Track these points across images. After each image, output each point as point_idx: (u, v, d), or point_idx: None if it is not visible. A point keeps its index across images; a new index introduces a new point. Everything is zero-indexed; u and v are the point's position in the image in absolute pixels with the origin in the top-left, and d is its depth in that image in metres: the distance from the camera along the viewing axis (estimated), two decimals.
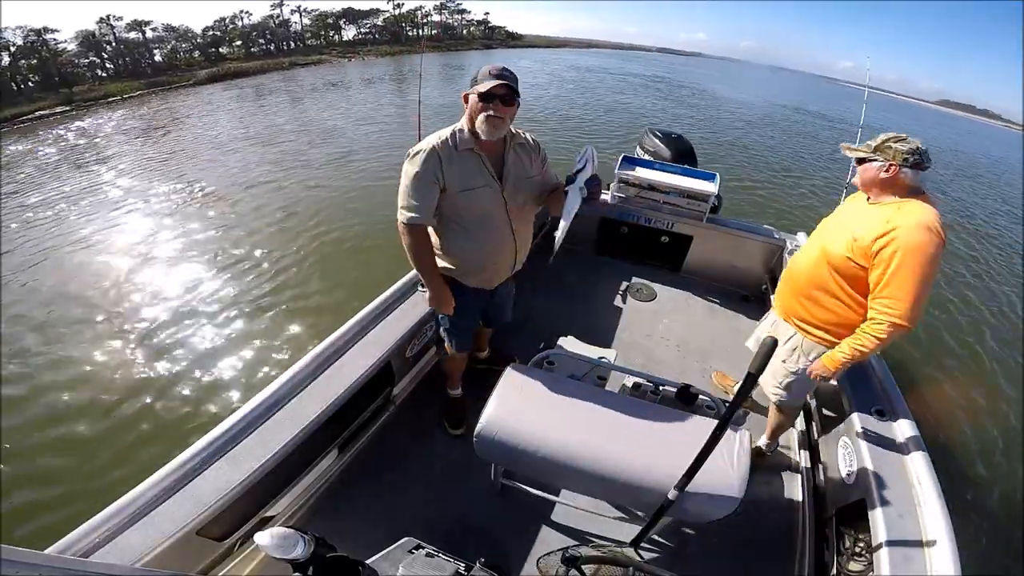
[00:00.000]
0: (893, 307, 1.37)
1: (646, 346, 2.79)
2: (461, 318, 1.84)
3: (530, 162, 1.64)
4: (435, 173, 1.46)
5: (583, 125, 13.34)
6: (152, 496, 1.24)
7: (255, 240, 5.87)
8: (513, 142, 1.59)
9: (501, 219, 1.60)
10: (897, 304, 1.36)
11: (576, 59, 45.45)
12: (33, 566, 0.82)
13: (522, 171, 1.62)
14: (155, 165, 9.58)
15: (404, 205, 1.49)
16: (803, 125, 19.56)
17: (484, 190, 1.53)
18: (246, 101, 18.14)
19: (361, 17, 58.10)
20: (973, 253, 7.60)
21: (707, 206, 3.14)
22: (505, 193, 1.58)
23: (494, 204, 1.57)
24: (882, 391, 1.87)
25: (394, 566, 0.94)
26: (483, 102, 1.40)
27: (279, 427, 1.49)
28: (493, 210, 1.58)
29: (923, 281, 1.34)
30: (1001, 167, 20.21)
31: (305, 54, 43.64)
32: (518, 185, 1.61)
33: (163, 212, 6.95)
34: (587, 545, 1.62)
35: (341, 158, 9.33)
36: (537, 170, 1.66)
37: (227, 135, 12.02)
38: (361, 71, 29.03)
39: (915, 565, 1.29)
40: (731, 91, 30.62)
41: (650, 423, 1.46)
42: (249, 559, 1.53)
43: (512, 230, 1.64)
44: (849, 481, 1.66)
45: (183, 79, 28.04)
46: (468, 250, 1.64)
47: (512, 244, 1.67)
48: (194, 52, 41.10)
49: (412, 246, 1.56)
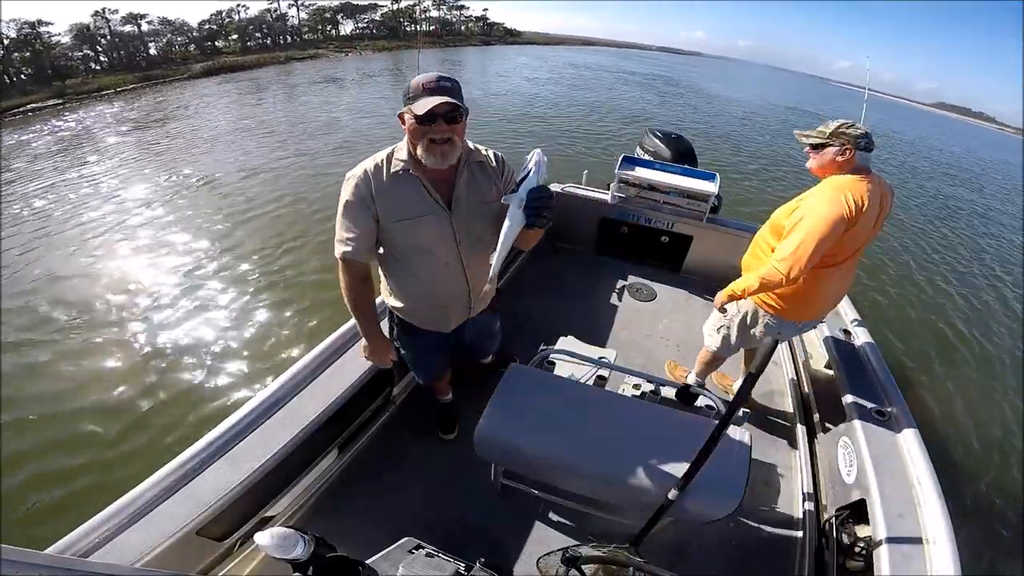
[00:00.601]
0: (779, 255, 1.59)
1: (646, 346, 2.79)
2: (421, 358, 1.72)
3: (489, 185, 1.37)
4: (366, 201, 1.27)
5: (583, 125, 13.30)
6: (152, 496, 1.24)
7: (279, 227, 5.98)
8: (470, 160, 1.33)
9: (449, 253, 1.35)
10: (781, 253, 1.58)
11: (574, 57, 45.39)
12: (33, 566, 0.82)
13: (478, 196, 1.35)
14: (150, 156, 9.60)
15: (338, 237, 1.31)
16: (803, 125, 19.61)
17: (426, 219, 1.30)
18: (244, 95, 18.05)
19: (359, 12, 57.84)
20: (973, 252, 7.63)
21: (707, 206, 3.14)
22: (455, 222, 1.32)
23: (439, 236, 1.32)
24: (882, 391, 1.87)
25: (394, 566, 0.94)
26: (421, 124, 1.16)
27: (279, 427, 1.48)
28: (437, 243, 1.33)
29: (811, 238, 1.52)
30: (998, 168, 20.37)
31: (302, 48, 43.37)
32: (472, 213, 1.34)
33: (164, 201, 6.99)
34: (587, 545, 1.62)
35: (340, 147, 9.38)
36: (498, 194, 1.37)
37: (224, 127, 12.01)
38: (359, 66, 28.92)
39: (915, 565, 1.29)
40: (731, 91, 30.65)
41: (650, 423, 1.47)
42: (249, 559, 1.53)
43: (463, 267, 1.38)
44: (849, 481, 1.67)
45: (178, 73, 27.85)
46: (412, 289, 1.43)
47: (463, 283, 1.42)
48: (190, 46, 40.79)
49: (345, 284, 1.36)
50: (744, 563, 1.73)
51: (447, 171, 1.29)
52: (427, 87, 1.14)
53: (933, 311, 5.38)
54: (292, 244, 5.51)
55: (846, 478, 1.70)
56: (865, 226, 1.58)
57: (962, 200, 11.92)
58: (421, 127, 1.16)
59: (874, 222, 1.62)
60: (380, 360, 1.56)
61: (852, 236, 1.58)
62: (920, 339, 4.75)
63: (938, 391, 4.00)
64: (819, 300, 1.80)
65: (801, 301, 1.78)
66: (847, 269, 1.73)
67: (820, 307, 1.85)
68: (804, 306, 1.80)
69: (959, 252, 7.53)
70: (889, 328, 4.73)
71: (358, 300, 1.40)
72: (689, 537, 1.76)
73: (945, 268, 6.76)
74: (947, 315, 5.34)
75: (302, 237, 5.67)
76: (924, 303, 5.55)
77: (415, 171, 1.27)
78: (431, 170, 1.25)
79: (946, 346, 4.73)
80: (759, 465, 2.05)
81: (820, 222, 1.52)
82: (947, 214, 10.03)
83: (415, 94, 1.15)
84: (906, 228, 8.13)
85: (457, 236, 1.34)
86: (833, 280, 1.73)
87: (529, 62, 32.60)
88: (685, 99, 22.68)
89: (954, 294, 5.92)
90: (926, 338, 4.79)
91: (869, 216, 1.56)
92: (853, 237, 1.59)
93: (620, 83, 25.85)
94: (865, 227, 1.59)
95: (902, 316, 5.12)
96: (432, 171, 1.26)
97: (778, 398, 2.47)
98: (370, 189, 1.27)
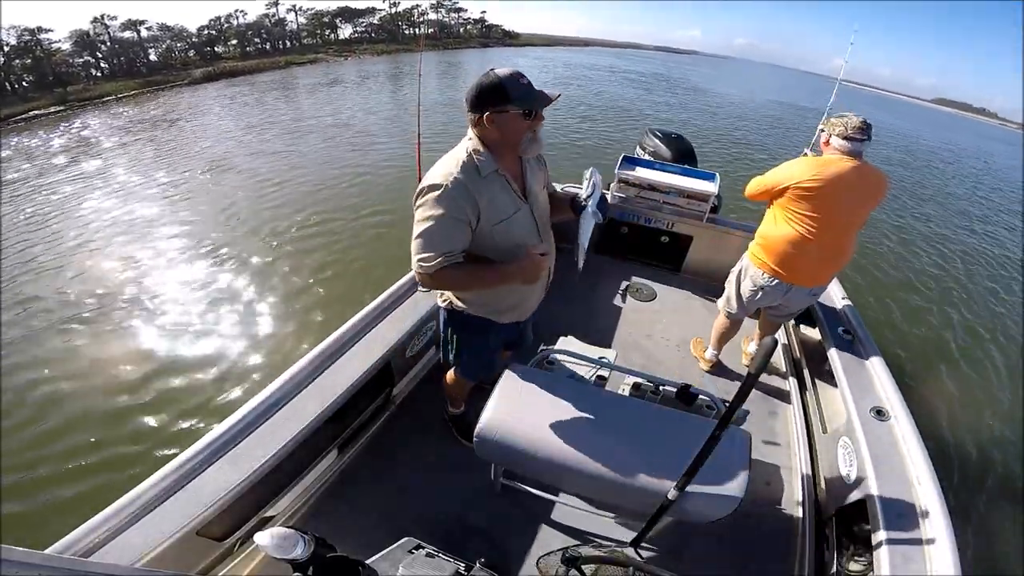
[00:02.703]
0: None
1: (646, 346, 2.79)
2: (486, 356, 1.69)
3: (542, 172, 1.47)
4: (465, 211, 1.22)
5: (583, 125, 13.33)
6: (152, 496, 1.24)
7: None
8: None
9: (534, 242, 1.39)
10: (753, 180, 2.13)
11: (573, 57, 45.51)
12: (33, 566, 0.82)
13: (539, 184, 1.44)
14: (163, 155, 9.75)
15: (433, 252, 1.23)
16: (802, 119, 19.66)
17: (518, 216, 1.33)
18: (245, 98, 18.14)
19: (357, 16, 57.97)
20: (974, 254, 7.62)
21: (707, 206, 3.15)
22: (534, 213, 1.39)
23: (528, 230, 1.37)
24: (882, 391, 1.87)
25: (394, 566, 0.94)
26: (527, 118, 1.21)
27: (279, 427, 1.48)
28: (527, 236, 1.37)
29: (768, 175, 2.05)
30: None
31: (301, 53, 43.55)
32: (540, 201, 1.43)
33: (178, 199, 7.15)
34: (587, 545, 1.62)
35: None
36: (546, 178, 1.50)
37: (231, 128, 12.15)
38: (359, 69, 29.02)
39: (915, 565, 1.29)
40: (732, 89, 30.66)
41: (650, 423, 1.46)
42: (249, 559, 1.53)
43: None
44: (849, 481, 1.67)
45: (178, 78, 27.94)
46: (502, 289, 1.41)
47: (547, 270, 1.45)
48: (189, 51, 40.93)
49: (455, 282, 1.34)
50: (744, 563, 1.73)
51: (516, 164, 1.35)
52: (524, 84, 1.19)
53: (933, 311, 5.37)
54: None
55: (846, 478, 1.69)
56: (836, 198, 1.85)
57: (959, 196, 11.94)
58: (526, 121, 1.22)
59: (856, 202, 1.89)
60: (543, 266, 1.32)
61: (820, 199, 1.86)
62: (920, 339, 4.74)
63: (938, 391, 3.99)
64: (799, 262, 2.01)
65: (782, 259, 2.03)
66: (828, 242, 1.94)
67: (801, 270, 2.04)
68: (785, 263, 2.04)
69: (960, 252, 7.52)
70: (889, 328, 4.73)
71: (479, 278, 1.35)
72: (689, 537, 1.76)
73: (946, 268, 6.75)
74: (947, 315, 5.34)
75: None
76: (924, 303, 5.55)
77: (502, 169, 1.28)
78: (507, 166, 1.30)
79: (946, 346, 4.72)
80: (759, 465, 2.05)
81: (778, 169, 2.00)
82: (946, 211, 10.04)
83: (516, 94, 1.18)
84: (907, 230, 8.12)
85: (538, 225, 1.41)
86: (814, 247, 1.95)
87: (528, 63, 32.68)
88: (683, 97, 22.70)
89: (954, 293, 5.92)
90: (926, 338, 4.79)
91: (839, 190, 1.83)
92: (821, 200, 1.86)
93: (618, 83, 25.88)
94: (836, 199, 1.85)
95: (902, 316, 5.12)
96: (508, 166, 1.30)
97: (779, 398, 2.47)
98: (471, 198, 1.22)
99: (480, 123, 1.23)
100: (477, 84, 1.20)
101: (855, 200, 1.88)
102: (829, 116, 1.95)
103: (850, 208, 1.89)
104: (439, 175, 1.22)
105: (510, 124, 1.21)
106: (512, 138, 1.24)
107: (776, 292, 2.13)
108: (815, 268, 2.04)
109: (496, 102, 1.19)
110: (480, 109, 1.21)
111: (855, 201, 1.88)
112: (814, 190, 1.85)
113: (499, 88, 1.18)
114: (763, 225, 2.13)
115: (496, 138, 1.24)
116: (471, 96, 1.21)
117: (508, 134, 1.23)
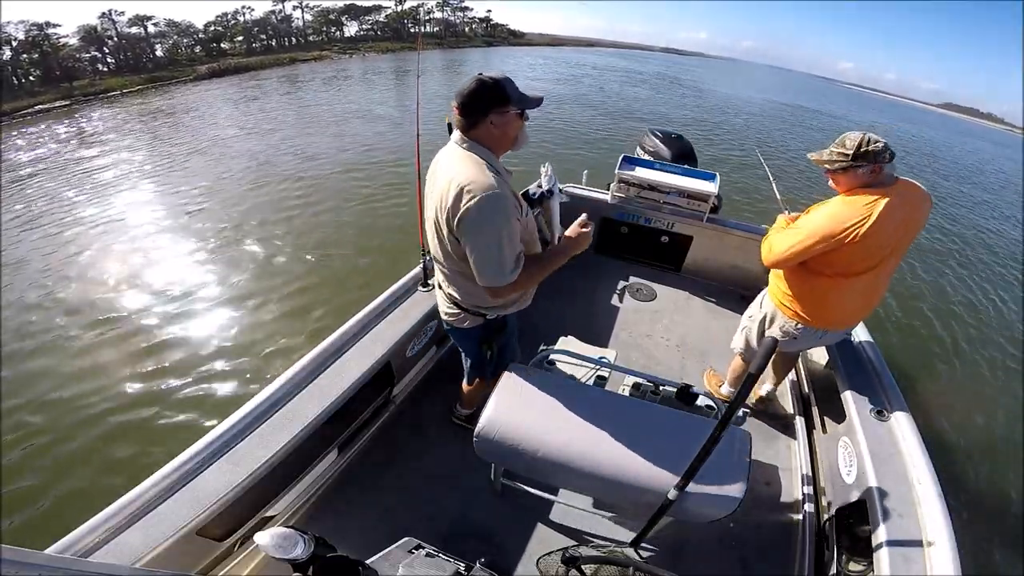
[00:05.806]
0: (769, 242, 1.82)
1: (646, 346, 2.79)
2: (512, 344, 1.75)
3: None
4: (519, 210, 1.30)
5: (584, 125, 13.30)
6: (152, 496, 1.24)
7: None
8: None
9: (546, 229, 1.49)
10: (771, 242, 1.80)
11: (578, 57, 45.37)
12: (33, 566, 0.82)
13: None
14: (167, 152, 9.72)
15: (512, 259, 1.28)
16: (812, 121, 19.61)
17: (530, 213, 1.41)
18: (250, 95, 18.15)
19: (363, 14, 57.89)
20: (973, 252, 7.60)
21: (707, 206, 3.14)
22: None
23: (533, 224, 1.45)
24: (882, 391, 1.87)
25: (394, 566, 0.94)
26: (521, 118, 1.30)
27: (279, 427, 1.48)
28: (535, 231, 1.46)
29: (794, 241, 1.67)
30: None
31: (306, 50, 43.43)
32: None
33: (187, 201, 7.12)
34: (587, 545, 1.62)
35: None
36: None
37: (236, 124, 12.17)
38: (365, 66, 29.02)
39: (915, 565, 1.29)
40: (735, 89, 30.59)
41: (650, 423, 1.46)
42: (249, 559, 1.53)
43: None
44: (849, 481, 1.67)
45: (184, 74, 27.95)
46: None
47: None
48: (195, 47, 40.92)
49: (530, 279, 1.37)
50: (744, 563, 1.73)
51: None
52: (516, 86, 1.26)
53: (934, 310, 5.36)
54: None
55: (846, 478, 1.69)
56: (881, 240, 1.56)
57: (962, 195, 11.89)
58: (521, 120, 1.30)
59: (901, 233, 1.59)
60: (589, 235, 1.44)
61: (865, 249, 1.56)
62: (920, 339, 4.73)
63: (938, 391, 3.98)
64: (835, 309, 1.79)
65: (816, 308, 1.79)
66: (868, 281, 1.69)
67: (838, 317, 1.82)
68: (819, 313, 1.80)
69: (959, 251, 7.49)
70: (889, 328, 4.72)
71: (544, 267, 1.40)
72: (689, 537, 1.76)
73: (944, 267, 6.73)
74: (948, 315, 5.32)
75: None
76: (924, 302, 5.53)
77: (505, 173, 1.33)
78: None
79: (946, 346, 4.70)
80: (759, 465, 2.05)
81: (808, 234, 1.63)
82: (947, 211, 10.00)
83: (515, 95, 1.25)
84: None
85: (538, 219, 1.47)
86: (851, 291, 1.72)
87: (533, 62, 32.65)
88: (688, 99, 22.64)
89: (955, 294, 5.90)
90: (926, 338, 4.77)
91: (884, 229, 1.54)
92: (866, 250, 1.57)
93: (623, 83, 25.82)
94: (881, 241, 1.56)
95: (902, 315, 5.10)
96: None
97: (778, 398, 2.47)
98: (515, 198, 1.30)
99: (481, 124, 1.26)
100: (476, 88, 1.22)
101: (903, 233, 1.60)
102: (820, 151, 1.66)
103: (898, 242, 1.62)
104: (484, 184, 1.20)
105: (510, 123, 1.28)
106: (511, 136, 1.32)
107: (811, 339, 1.93)
108: (856, 312, 1.85)
109: (498, 103, 1.24)
110: (484, 111, 1.24)
111: (903, 234, 1.61)
112: (859, 239, 1.55)
113: (500, 90, 1.23)
114: (790, 272, 1.84)
115: (497, 138, 1.29)
116: (469, 100, 1.23)
117: (508, 133, 1.30)
